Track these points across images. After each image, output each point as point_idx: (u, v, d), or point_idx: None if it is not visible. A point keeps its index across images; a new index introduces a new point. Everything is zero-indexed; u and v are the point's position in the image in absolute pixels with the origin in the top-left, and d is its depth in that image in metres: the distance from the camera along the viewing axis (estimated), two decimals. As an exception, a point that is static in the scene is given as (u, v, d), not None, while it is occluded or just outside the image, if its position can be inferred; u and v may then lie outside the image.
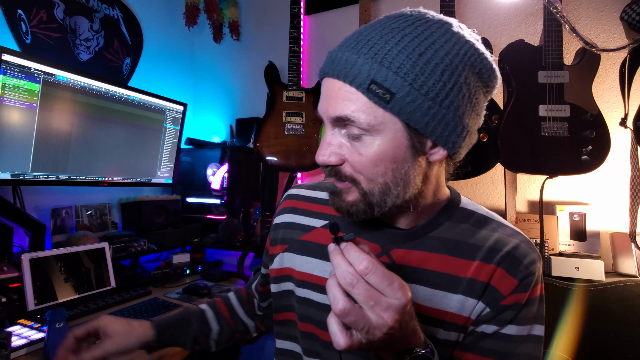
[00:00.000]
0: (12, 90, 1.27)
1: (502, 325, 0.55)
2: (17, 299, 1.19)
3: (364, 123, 0.48)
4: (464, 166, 0.61)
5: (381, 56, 0.46)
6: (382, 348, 0.43)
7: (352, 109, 0.48)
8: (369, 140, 0.49)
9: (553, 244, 1.53)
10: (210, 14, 2.20)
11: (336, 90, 0.49)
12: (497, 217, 0.63)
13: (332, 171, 0.52)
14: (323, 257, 0.64)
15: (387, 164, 0.49)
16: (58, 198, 1.65)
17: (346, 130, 0.50)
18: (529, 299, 0.56)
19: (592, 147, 1.35)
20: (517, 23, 1.73)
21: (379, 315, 0.39)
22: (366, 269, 0.40)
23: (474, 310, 0.56)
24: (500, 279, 0.55)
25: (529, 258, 0.56)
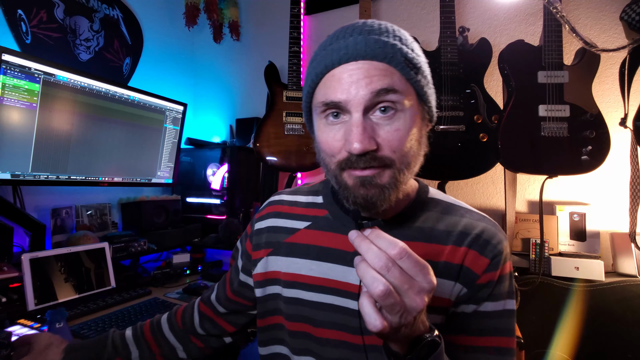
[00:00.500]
0: (12, 90, 1.27)
1: (479, 304, 0.60)
2: (17, 299, 1.19)
3: (402, 95, 0.53)
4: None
5: (404, 41, 0.55)
6: (406, 334, 0.44)
7: (391, 81, 0.52)
8: (401, 115, 0.53)
9: (553, 244, 1.53)
10: (210, 14, 2.20)
11: (369, 69, 0.52)
12: (463, 205, 0.67)
13: (367, 158, 0.51)
14: (308, 256, 0.65)
15: (414, 135, 0.54)
16: (58, 198, 1.65)
17: (385, 104, 0.52)
18: (500, 276, 0.60)
19: (592, 147, 1.35)
20: (516, 23, 1.73)
21: (412, 299, 0.41)
22: (399, 254, 0.41)
23: (452, 292, 0.60)
24: (472, 259, 0.60)
25: (496, 238, 0.61)
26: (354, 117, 0.52)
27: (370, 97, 0.51)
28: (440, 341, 0.47)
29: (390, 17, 1.99)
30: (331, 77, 0.54)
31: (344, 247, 0.63)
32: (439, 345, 0.47)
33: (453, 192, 1.80)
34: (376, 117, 0.53)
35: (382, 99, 0.52)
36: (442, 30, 1.55)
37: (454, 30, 1.54)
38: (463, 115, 1.50)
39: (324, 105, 0.55)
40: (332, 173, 0.57)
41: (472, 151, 1.49)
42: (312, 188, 0.75)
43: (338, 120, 0.55)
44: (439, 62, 1.53)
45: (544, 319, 1.44)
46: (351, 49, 0.53)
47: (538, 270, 1.46)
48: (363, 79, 0.52)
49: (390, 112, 0.53)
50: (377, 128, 0.52)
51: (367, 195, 0.53)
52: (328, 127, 0.56)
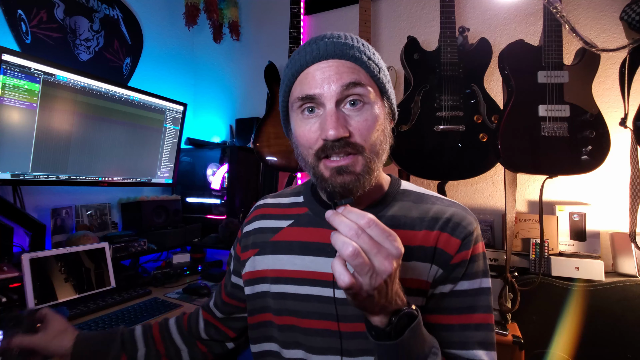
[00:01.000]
0: (12, 90, 1.28)
1: (455, 283, 0.64)
2: (17, 299, 1.19)
3: (368, 89, 0.60)
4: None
5: (366, 46, 0.64)
6: (382, 305, 0.48)
7: (358, 77, 0.59)
8: (368, 108, 0.60)
9: (553, 244, 1.53)
10: (210, 14, 2.20)
11: (338, 66, 0.59)
12: (434, 194, 0.73)
13: (341, 144, 0.57)
14: (291, 252, 0.69)
15: (380, 126, 0.61)
16: (58, 198, 1.65)
17: (353, 98, 0.59)
18: (472, 255, 0.64)
19: (592, 147, 1.35)
20: (516, 23, 1.73)
21: (380, 262, 0.45)
22: (367, 223, 0.45)
23: (429, 274, 0.64)
24: (445, 241, 0.64)
25: (466, 220, 0.66)
26: (328, 108, 0.58)
27: (341, 90, 0.58)
28: (418, 314, 0.51)
29: (390, 16, 1.99)
30: (306, 75, 0.61)
31: (325, 240, 0.67)
32: (417, 317, 0.51)
33: (453, 192, 1.80)
34: (347, 110, 0.59)
35: (351, 92, 0.59)
36: (442, 30, 1.55)
37: (454, 30, 1.54)
38: (463, 115, 1.50)
39: (300, 100, 0.60)
40: (310, 165, 0.61)
41: (472, 151, 1.49)
42: (295, 189, 0.80)
43: (313, 114, 0.60)
44: (439, 62, 1.53)
45: (544, 318, 1.44)
46: (322, 49, 0.60)
47: (538, 270, 1.46)
48: (334, 75, 0.59)
49: (359, 105, 0.59)
50: (348, 119, 0.59)
51: (344, 182, 0.58)
52: (305, 121, 0.61)
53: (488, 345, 0.63)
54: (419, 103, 1.53)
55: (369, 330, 0.52)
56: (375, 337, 0.51)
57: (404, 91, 1.69)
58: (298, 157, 0.65)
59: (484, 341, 0.62)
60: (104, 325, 1.16)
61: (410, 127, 1.52)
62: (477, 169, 1.51)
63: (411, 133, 1.51)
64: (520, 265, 1.55)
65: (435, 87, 1.52)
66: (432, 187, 1.86)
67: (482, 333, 0.63)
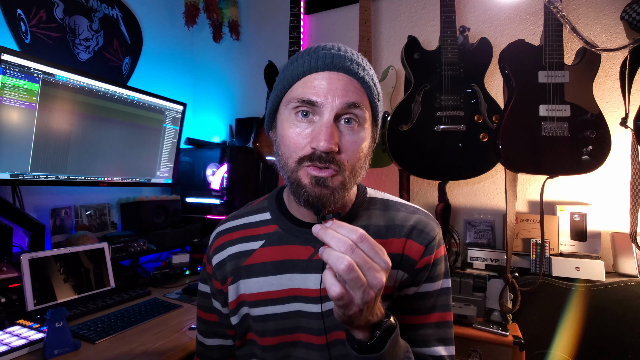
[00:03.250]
0: (12, 90, 1.27)
1: (419, 285, 0.67)
2: (17, 299, 1.19)
3: (366, 113, 0.61)
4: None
5: (372, 72, 0.65)
6: (366, 319, 0.50)
7: (361, 99, 0.60)
8: (361, 131, 0.61)
9: (553, 244, 1.53)
10: (210, 14, 2.20)
11: (347, 83, 0.60)
12: (398, 200, 0.75)
13: (328, 157, 0.57)
14: (267, 273, 0.69)
15: (365, 152, 0.62)
16: (57, 198, 1.65)
17: (350, 117, 0.59)
18: (435, 260, 0.68)
19: (593, 147, 1.35)
20: (517, 23, 1.73)
21: (373, 276, 0.46)
22: (359, 238, 0.46)
23: (396, 279, 0.67)
24: (410, 248, 0.67)
25: (429, 227, 0.69)
26: (326, 118, 0.58)
27: (343, 107, 0.58)
28: (396, 324, 0.53)
29: (390, 16, 1.99)
30: (312, 79, 0.60)
31: (298, 257, 0.67)
32: (395, 328, 0.53)
33: (453, 192, 1.80)
34: (341, 126, 0.59)
35: (351, 111, 0.59)
36: (442, 30, 1.54)
37: (454, 29, 1.54)
38: (463, 115, 1.50)
39: (298, 102, 0.59)
40: (288, 168, 0.60)
41: (472, 151, 1.49)
42: (257, 207, 0.78)
43: (306, 119, 0.59)
44: (440, 61, 1.53)
45: (545, 319, 1.44)
46: (336, 60, 0.60)
47: (539, 271, 1.46)
48: (341, 90, 0.59)
49: (353, 124, 0.60)
50: (340, 135, 0.59)
51: (320, 194, 0.58)
52: (296, 124, 0.60)
53: (447, 340, 0.68)
54: (420, 103, 1.52)
55: (352, 344, 0.53)
56: (359, 350, 0.52)
57: (405, 91, 1.69)
58: (276, 156, 0.64)
59: (443, 337, 0.67)
60: (103, 326, 1.16)
61: (410, 127, 1.51)
62: (478, 169, 1.51)
63: (412, 133, 1.51)
64: (521, 265, 1.55)
65: (435, 87, 1.52)
66: (432, 187, 1.86)
67: (442, 330, 0.67)
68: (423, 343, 0.66)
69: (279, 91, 0.64)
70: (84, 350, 1.04)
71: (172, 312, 1.32)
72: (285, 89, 0.63)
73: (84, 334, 1.11)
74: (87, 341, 1.08)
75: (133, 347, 1.07)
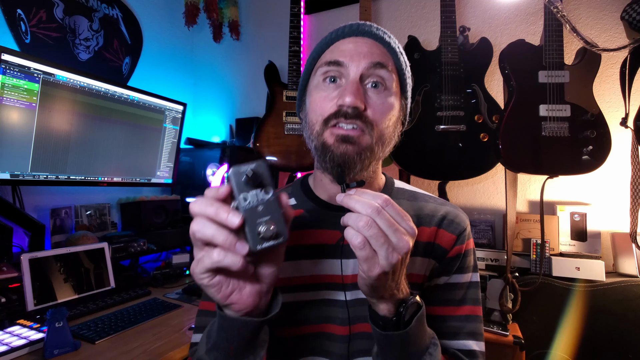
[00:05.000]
0: (12, 90, 1.27)
1: (449, 275, 0.67)
2: (17, 299, 1.19)
3: (393, 77, 0.61)
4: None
5: (400, 46, 0.65)
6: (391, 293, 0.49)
7: (387, 61, 0.61)
8: (388, 94, 0.60)
9: (554, 244, 1.53)
10: (210, 14, 2.20)
11: (372, 46, 0.61)
12: (425, 192, 0.75)
13: (354, 112, 0.57)
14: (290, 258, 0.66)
15: (393, 118, 0.61)
16: (57, 198, 1.65)
17: (377, 80, 0.59)
18: (466, 250, 0.68)
19: (593, 147, 1.35)
20: (517, 23, 1.73)
21: (399, 238, 0.45)
22: (384, 202, 0.45)
23: (427, 267, 0.66)
24: (441, 237, 0.66)
25: (459, 217, 0.69)
26: (351, 77, 0.58)
27: (369, 66, 0.59)
28: (422, 304, 0.52)
29: (390, 16, 1.98)
30: (339, 45, 0.62)
31: (325, 241, 0.65)
32: (422, 306, 0.52)
33: (454, 192, 1.80)
34: (368, 90, 0.60)
35: (377, 72, 0.59)
36: (442, 30, 1.54)
37: (454, 29, 1.54)
38: (464, 115, 1.50)
39: (326, 65, 0.60)
40: (314, 135, 0.60)
41: (472, 151, 1.49)
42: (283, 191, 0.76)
43: (334, 84, 0.60)
44: (440, 61, 1.53)
45: (545, 319, 1.44)
46: (362, 28, 0.62)
47: (539, 271, 1.46)
48: (367, 52, 0.60)
49: (380, 88, 0.60)
50: (367, 96, 0.59)
51: (346, 151, 0.57)
52: (324, 87, 0.61)
53: (477, 335, 0.66)
54: (420, 103, 1.52)
55: (375, 321, 0.52)
56: (382, 327, 0.51)
57: (405, 91, 1.68)
58: (304, 128, 0.64)
59: (473, 332, 0.66)
60: (103, 326, 1.16)
61: (410, 127, 1.51)
62: (478, 169, 1.51)
63: (412, 133, 1.51)
64: (521, 265, 1.55)
65: (435, 87, 1.52)
66: (432, 187, 1.86)
67: (472, 324, 0.66)
68: (452, 335, 0.65)
69: (309, 64, 0.66)
70: (83, 350, 1.04)
71: (172, 312, 1.32)
72: (314, 60, 0.65)
73: (84, 334, 1.10)
74: (87, 341, 1.08)
75: (133, 347, 1.06)
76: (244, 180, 0.43)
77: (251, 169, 0.43)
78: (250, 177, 0.43)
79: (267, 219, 0.43)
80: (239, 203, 0.43)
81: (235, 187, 0.44)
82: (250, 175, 0.43)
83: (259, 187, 0.44)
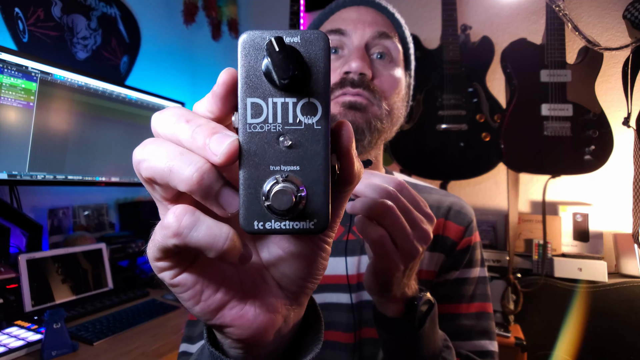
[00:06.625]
0: (9, 89, 1.26)
1: (459, 270, 0.63)
2: (14, 300, 1.18)
3: (398, 48, 0.57)
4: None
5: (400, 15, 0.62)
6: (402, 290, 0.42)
7: (391, 32, 0.57)
8: (394, 66, 0.57)
9: (556, 244, 1.52)
10: (209, 12, 2.19)
11: (376, 16, 0.58)
12: (427, 184, 0.72)
13: (362, 80, 0.53)
14: None
15: (400, 93, 0.58)
16: (55, 198, 1.64)
17: (382, 50, 0.56)
18: (475, 243, 0.64)
19: (595, 147, 1.34)
20: (519, 21, 1.72)
21: (420, 227, 0.38)
22: (398, 185, 0.39)
23: (437, 262, 0.62)
24: (449, 229, 0.63)
25: (465, 208, 0.66)
26: (355, 44, 0.54)
27: (374, 35, 0.55)
28: (434, 301, 0.47)
29: (390, 15, 1.97)
30: (340, 14, 0.59)
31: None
32: (434, 305, 0.46)
33: (455, 192, 1.78)
34: (374, 61, 0.56)
35: (382, 42, 0.56)
36: (443, 28, 1.53)
37: (455, 28, 1.53)
38: (465, 114, 1.49)
39: (328, 34, 0.57)
40: None
41: (474, 151, 1.48)
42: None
43: (336, 55, 0.56)
44: (441, 60, 1.52)
45: (547, 320, 1.43)
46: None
47: (541, 272, 1.45)
48: (370, 21, 0.57)
49: (386, 59, 0.56)
50: (373, 67, 0.55)
51: (354, 120, 0.53)
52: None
53: (491, 334, 0.61)
54: (421, 102, 1.51)
55: (383, 323, 0.45)
56: (392, 330, 0.44)
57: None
58: None
59: (487, 330, 0.61)
60: (101, 327, 1.15)
61: (412, 126, 1.50)
62: (480, 169, 1.50)
63: (413, 132, 1.50)
64: (523, 266, 1.54)
65: (437, 86, 1.51)
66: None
67: (484, 322, 0.61)
68: (465, 335, 0.60)
69: None
70: (81, 352, 1.03)
71: (170, 314, 1.31)
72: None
73: (82, 335, 1.09)
74: (85, 342, 1.07)
75: (131, 348, 1.06)
76: (265, 66, 0.21)
77: (287, 42, 0.21)
78: (281, 62, 0.20)
79: (290, 171, 0.21)
80: (242, 116, 0.21)
81: (243, 79, 0.21)
82: (282, 57, 0.19)
83: (295, 90, 0.21)
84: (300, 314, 0.30)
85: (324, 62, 0.21)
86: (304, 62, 0.21)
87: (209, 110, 0.23)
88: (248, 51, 0.21)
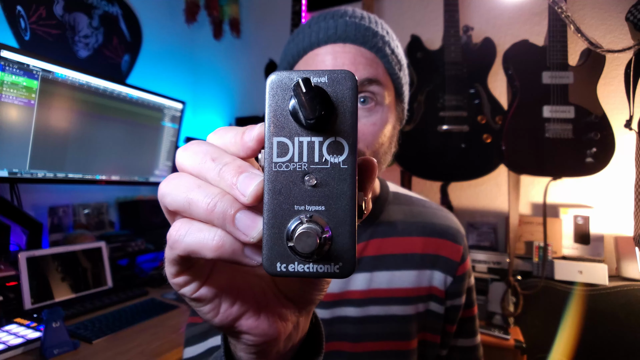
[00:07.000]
0: (10, 87, 1.26)
1: (464, 294, 0.62)
2: (14, 297, 1.18)
3: (384, 89, 0.51)
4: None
5: (391, 35, 0.53)
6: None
7: (375, 72, 0.50)
8: (379, 110, 0.51)
9: (556, 247, 1.51)
10: (211, 11, 2.19)
11: (356, 55, 0.50)
12: (418, 196, 0.69)
13: None
14: None
15: (389, 135, 0.53)
16: (55, 196, 1.64)
17: (366, 95, 0.50)
18: (468, 269, 0.64)
19: (597, 149, 1.34)
20: (521, 23, 1.71)
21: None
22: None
23: (433, 279, 0.60)
24: (448, 248, 0.61)
25: (460, 226, 0.65)
26: None
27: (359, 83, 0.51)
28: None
29: (393, 14, 1.97)
30: (314, 56, 0.51)
31: None
32: None
33: (456, 194, 1.78)
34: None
35: (365, 89, 0.50)
36: (445, 29, 1.53)
37: (457, 29, 1.52)
38: (466, 116, 1.48)
39: None
40: None
41: (475, 152, 1.47)
42: None
43: None
44: (443, 61, 1.51)
45: (547, 323, 1.42)
46: (340, 30, 0.50)
47: (541, 274, 1.44)
48: (349, 65, 0.49)
49: (370, 104, 0.51)
50: None
51: None
52: None
53: (477, 331, 0.68)
54: (422, 103, 1.51)
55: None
56: None
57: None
58: None
59: (477, 329, 0.67)
60: (100, 326, 1.15)
61: (413, 127, 1.50)
62: (481, 171, 1.49)
63: (414, 133, 1.49)
64: (523, 268, 1.54)
65: (438, 87, 1.51)
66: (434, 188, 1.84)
67: (476, 322, 0.68)
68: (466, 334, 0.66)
69: None
70: (81, 350, 1.03)
71: (169, 313, 1.31)
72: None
73: (81, 333, 1.10)
74: (84, 341, 1.07)
75: (130, 347, 1.06)
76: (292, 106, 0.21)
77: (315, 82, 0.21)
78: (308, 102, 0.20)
79: (315, 211, 0.21)
80: (267, 155, 0.22)
81: (270, 118, 0.22)
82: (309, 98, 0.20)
83: (322, 129, 0.21)
84: (308, 320, 0.32)
85: (351, 101, 0.21)
86: (331, 101, 0.21)
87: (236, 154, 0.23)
88: (276, 91, 0.22)
